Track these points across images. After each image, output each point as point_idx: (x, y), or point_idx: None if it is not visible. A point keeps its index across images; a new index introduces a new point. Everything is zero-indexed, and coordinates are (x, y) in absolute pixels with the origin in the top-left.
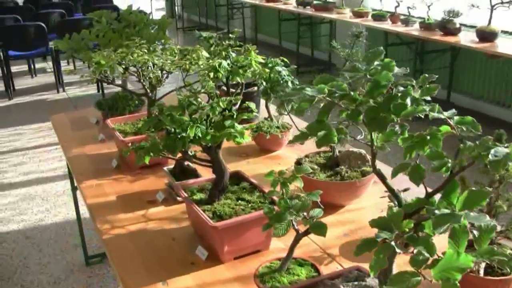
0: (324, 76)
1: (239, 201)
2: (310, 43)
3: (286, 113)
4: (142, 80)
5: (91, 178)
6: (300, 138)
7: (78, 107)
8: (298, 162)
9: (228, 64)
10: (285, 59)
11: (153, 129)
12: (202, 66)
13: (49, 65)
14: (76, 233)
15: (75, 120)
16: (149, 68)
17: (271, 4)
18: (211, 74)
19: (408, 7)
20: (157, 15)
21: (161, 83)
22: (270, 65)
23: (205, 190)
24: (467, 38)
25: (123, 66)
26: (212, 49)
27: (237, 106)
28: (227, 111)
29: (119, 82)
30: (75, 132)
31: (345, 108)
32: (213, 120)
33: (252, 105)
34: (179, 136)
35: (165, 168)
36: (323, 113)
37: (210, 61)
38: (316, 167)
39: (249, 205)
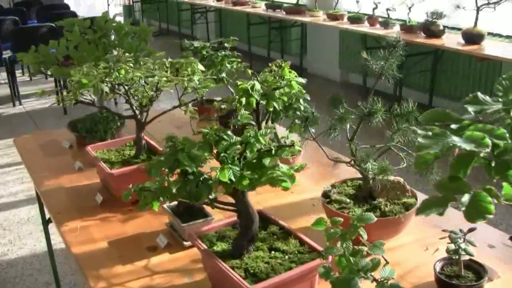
0: (437, 111)
1: (273, 252)
2: (280, 48)
3: (311, 138)
4: (130, 100)
5: (73, 219)
6: (432, 206)
7: (38, 123)
8: (326, 195)
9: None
10: (294, 72)
11: (168, 171)
12: (198, 82)
13: (2, 76)
14: (46, 268)
15: (44, 144)
16: (140, 87)
17: (238, 8)
18: (243, 100)
19: (387, 9)
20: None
21: (152, 103)
22: None
23: (226, 237)
24: (451, 41)
25: (108, 85)
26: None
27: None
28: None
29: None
30: (47, 159)
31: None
32: (246, 158)
33: (291, 136)
34: (201, 179)
35: (165, 206)
36: (459, 167)
37: (208, 76)
38: (347, 200)
39: (286, 257)
